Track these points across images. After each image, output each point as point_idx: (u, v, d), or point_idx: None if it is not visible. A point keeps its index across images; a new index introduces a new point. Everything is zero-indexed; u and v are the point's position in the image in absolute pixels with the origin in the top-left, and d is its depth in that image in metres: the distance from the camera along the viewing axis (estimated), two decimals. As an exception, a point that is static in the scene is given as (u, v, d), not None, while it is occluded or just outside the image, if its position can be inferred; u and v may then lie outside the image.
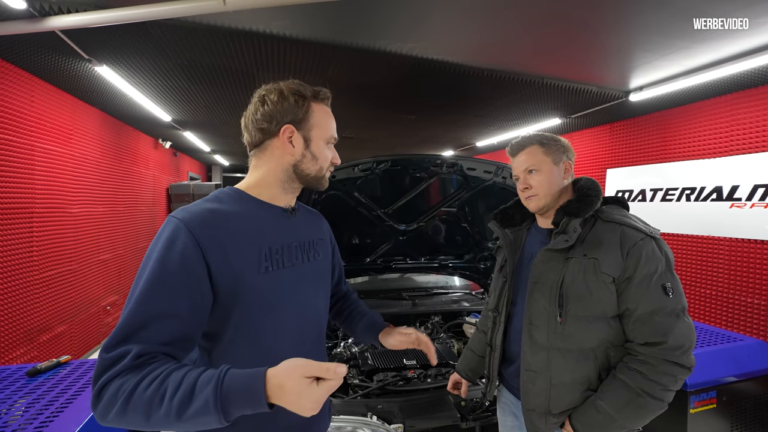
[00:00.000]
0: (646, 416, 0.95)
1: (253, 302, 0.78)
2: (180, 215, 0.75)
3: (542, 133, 1.15)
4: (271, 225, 0.85)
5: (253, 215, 0.83)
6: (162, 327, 0.68)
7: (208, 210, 0.77)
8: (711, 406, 1.80)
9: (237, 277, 0.76)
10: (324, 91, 0.89)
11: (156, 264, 0.70)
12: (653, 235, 0.99)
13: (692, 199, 3.21)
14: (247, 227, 0.80)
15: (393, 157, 1.73)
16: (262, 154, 0.87)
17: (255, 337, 0.79)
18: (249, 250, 0.79)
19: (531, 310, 1.08)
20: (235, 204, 0.82)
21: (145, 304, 0.67)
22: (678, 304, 0.95)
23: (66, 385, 1.40)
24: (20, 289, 2.64)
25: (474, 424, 1.38)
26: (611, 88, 2.92)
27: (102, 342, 0.58)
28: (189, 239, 0.72)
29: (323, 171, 0.89)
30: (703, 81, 2.59)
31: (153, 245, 0.73)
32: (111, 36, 2.13)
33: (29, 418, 1.16)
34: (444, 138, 5.20)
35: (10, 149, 2.54)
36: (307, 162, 0.86)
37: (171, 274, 0.70)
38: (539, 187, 1.10)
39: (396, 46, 2.23)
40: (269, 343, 0.81)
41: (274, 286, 0.81)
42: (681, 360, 0.92)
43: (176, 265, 0.70)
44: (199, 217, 0.75)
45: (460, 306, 2.32)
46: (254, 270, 0.79)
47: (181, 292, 0.70)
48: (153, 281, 0.69)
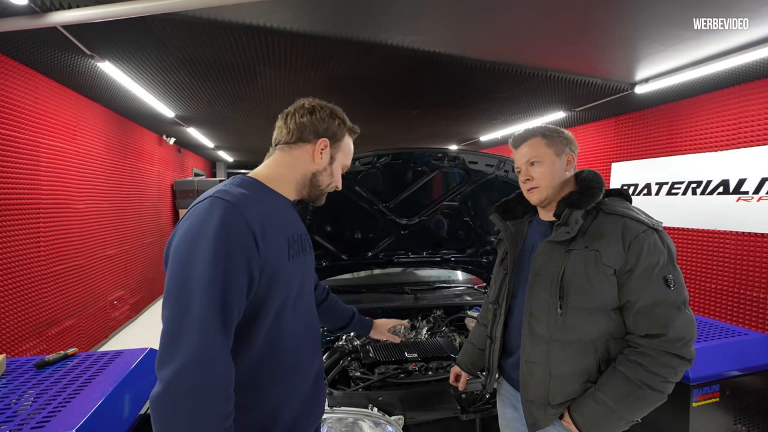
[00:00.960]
0: (645, 408, 0.95)
1: (285, 287, 0.83)
2: (227, 197, 0.75)
3: (545, 125, 1.14)
4: (288, 216, 0.90)
5: (277, 205, 0.88)
6: (232, 311, 0.70)
7: (247, 195, 0.80)
8: (714, 399, 1.80)
9: (276, 263, 0.80)
10: (357, 128, 1.01)
11: (215, 246, 0.69)
12: (655, 227, 0.98)
13: (698, 192, 3.17)
14: (277, 216, 0.85)
15: (394, 150, 1.72)
16: (290, 151, 0.92)
17: (283, 320, 0.83)
18: (281, 238, 0.83)
19: (531, 302, 1.08)
20: (262, 193, 0.86)
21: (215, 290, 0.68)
22: (679, 296, 0.94)
23: (73, 376, 1.42)
24: (28, 284, 2.68)
25: (474, 416, 1.39)
26: (616, 81, 2.89)
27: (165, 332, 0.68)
28: (242, 221, 0.74)
29: (330, 188, 0.98)
30: (710, 72, 2.55)
31: (198, 227, 0.71)
32: (112, 31, 2.14)
33: (38, 408, 1.18)
34: (447, 133, 5.18)
35: (15, 146, 2.57)
36: (325, 176, 0.95)
37: (233, 257, 0.71)
38: (541, 178, 1.09)
39: (397, 40, 2.21)
40: (292, 326, 0.86)
41: (296, 273, 0.87)
42: (681, 352, 0.92)
43: (238, 244, 0.72)
44: (244, 200, 0.77)
45: (462, 300, 2.32)
46: (285, 256, 0.83)
47: (243, 271, 0.72)
48: (218, 261, 0.69)
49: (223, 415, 0.67)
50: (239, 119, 4.51)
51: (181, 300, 0.68)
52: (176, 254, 0.71)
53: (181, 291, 0.68)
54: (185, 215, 0.77)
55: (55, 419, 1.12)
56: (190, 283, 0.68)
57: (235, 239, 0.72)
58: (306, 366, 0.92)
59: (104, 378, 1.37)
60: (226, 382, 0.69)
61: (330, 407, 1.30)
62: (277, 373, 0.84)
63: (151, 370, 1.56)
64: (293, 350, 0.87)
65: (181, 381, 0.64)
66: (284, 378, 0.85)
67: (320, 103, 0.95)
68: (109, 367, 1.45)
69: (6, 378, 1.38)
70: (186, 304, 0.67)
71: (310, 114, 0.92)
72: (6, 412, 1.14)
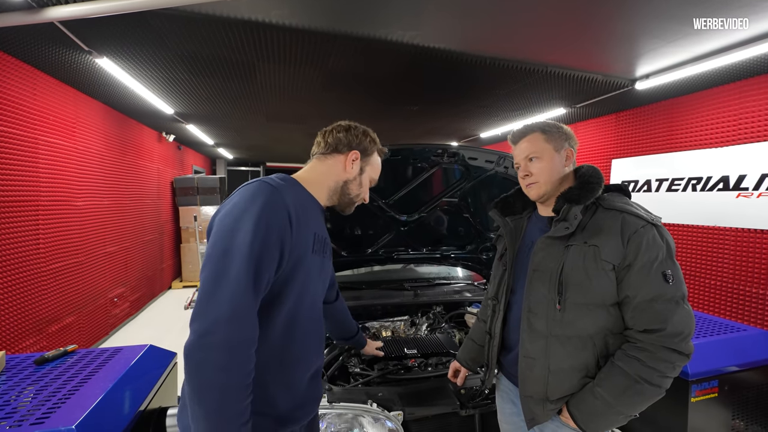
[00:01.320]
0: (643, 403, 0.95)
1: (302, 278, 0.91)
2: (272, 182, 0.87)
3: (545, 121, 1.14)
4: (317, 217, 1.00)
5: (309, 204, 0.98)
6: (262, 282, 0.79)
7: (287, 187, 0.91)
8: (712, 395, 1.80)
9: (301, 252, 0.89)
10: (386, 150, 1.14)
11: (259, 219, 0.79)
12: (654, 222, 0.98)
13: (698, 188, 3.17)
14: (308, 212, 0.94)
15: (392, 146, 1.72)
16: (326, 160, 1.04)
17: (300, 309, 0.91)
18: (308, 232, 0.93)
19: (530, 297, 1.08)
20: (299, 190, 0.97)
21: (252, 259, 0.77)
22: (678, 291, 0.94)
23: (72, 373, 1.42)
24: (28, 281, 2.68)
25: (473, 412, 1.39)
26: (617, 77, 2.88)
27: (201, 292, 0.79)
28: (284, 204, 0.84)
29: (358, 199, 1.08)
30: (711, 68, 2.54)
31: (246, 203, 0.81)
32: (110, 27, 2.13)
33: (37, 404, 1.18)
34: (447, 129, 5.16)
35: (14, 142, 2.57)
36: (354, 185, 1.05)
37: (272, 233, 0.81)
38: (540, 174, 1.09)
39: (397, 35, 2.20)
40: (305, 318, 0.94)
41: (314, 268, 0.96)
42: (679, 347, 0.92)
43: (278, 222, 0.82)
44: (285, 188, 0.89)
45: (462, 296, 2.32)
46: (309, 249, 0.93)
47: (277, 248, 0.82)
48: (259, 233, 0.78)
49: (246, 372, 0.76)
50: (239, 116, 4.50)
51: (221, 264, 0.76)
52: (222, 224, 0.81)
53: (222, 256, 0.77)
54: (234, 193, 0.87)
55: (54, 415, 1.12)
56: (231, 250, 0.77)
57: (275, 217, 0.82)
58: (311, 359, 0.99)
59: (104, 374, 1.37)
60: (251, 341, 0.77)
61: (329, 403, 1.31)
62: (284, 360, 0.91)
63: (151, 366, 1.57)
64: (303, 342, 0.95)
65: (213, 333, 0.72)
66: (289, 367, 0.92)
67: (356, 124, 1.07)
68: (108, 364, 1.45)
69: (6, 375, 1.38)
70: (225, 268, 0.76)
71: (346, 131, 1.04)
72: (5, 408, 1.14)
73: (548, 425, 1.07)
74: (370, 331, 2.05)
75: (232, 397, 0.72)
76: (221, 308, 0.73)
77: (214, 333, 0.72)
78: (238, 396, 0.74)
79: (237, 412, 0.73)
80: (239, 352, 0.74)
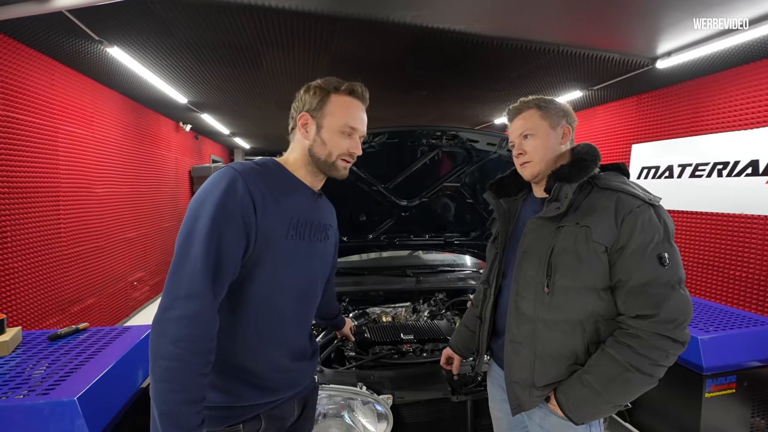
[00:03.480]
0: (633, 392, 0.90)
1: (275, 261, 0.89)
2: (238, 168, 0.87)
3: (541, 96, 1.08)
4: (301, 201, 0.97)
5: (289, 188, 0.95)
6: (226, 263, 0.80)
7: (258, 171, 0.90)
8: (729, 390, 1.72)
9: (270, 236, 0.88)
10: (348, 85, 0.97)
11: (218, 204, 0.80)
12: (652, 202, 0.92)
13: (724, 174, 2.98)
14: (284, 197, 0.92)
15: (390, 129, 1.68)
16: (293, 137, 1.01)
17: (268, 291, 0.91)
18: (282, 216, 0.91)
19: (519, 280, 1.04)
20: (278, 174, 0.95)
21: (211, 241, 0.78)
22: (674, 275, 0.88)
23: (81, 349, 1.49)
24: (50, 264, 2.83)
25: (465, 398, 1.37)
26: (636, 55, 2.71)
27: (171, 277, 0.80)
28: (245, 188, 0.84)
29: (333, 157, 0.97)
30: (739, 42, 2.34)
31: (208, 189, 0.83)
32: (115, 15, 2.16)
33: (50, 372, 1.25)
34: (459, 116, 5.05)
35: (33, 131, 2.68)
36: (318, 146, 0.96)
37: (233, 216, 0.81)
38: (534, 152, 1.04)
39: (398, 15, 2.14)
40: (276, 300, 0.93)
41: (293, 252, 0.94)
42: (673, 334, 0.86)
43: (239, 206, 0.82)
44: (253, 173, 0.88)
45: (465, 284, 2.29)
46: (282, 234, 0.90)
47: (241, 230, 0.82)
48: (218, 218, 0.79)
49: (200, 349, 0.77)
50: (251, 104, 4.54)
51: (184, 245, 0.79)
52: (189, 208, 0.83)
53: (186, 238, 0.80)
54: (206, 180, 0.88)
55: (59, 387, 1.17)
56: (193, 232, 0.79)
57: (236, 201, 0.82)
58: (293, 339, 0.99)
59: (110, 351, 1.43)
60: (207, 319, 0.78)
61: (320, 384, 1.32)
62: (262, 337, 0.92)
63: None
64: (281, 322, 0.94)
65: (171, 309, 0.76)
66: (268, 343, 0.93)
67: (306, 86, 0.99)
68: (116, 341, 1.51)
69: (21, 349, 1.46)
70: (187, 249, 0.79)
71: (295, 101, 1.00)
72: (16, 379, 1.21)
73: (535, 412, 1.04)
74: (371, 316, 2.05)
75: (181, 370, 0.75)
76: (180, 287, 0.77)
77: (173, 308, 0.76)
78: (188, 370, 0.75)
79: (186, 386, 0.75)
80: (193, 328, 0.76)
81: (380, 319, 2.04)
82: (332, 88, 0.96)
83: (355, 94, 0.98)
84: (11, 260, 2.45)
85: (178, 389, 0.74)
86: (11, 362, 1.34)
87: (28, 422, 1.06)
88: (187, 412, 0.75)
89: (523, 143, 1.06)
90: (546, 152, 1.04)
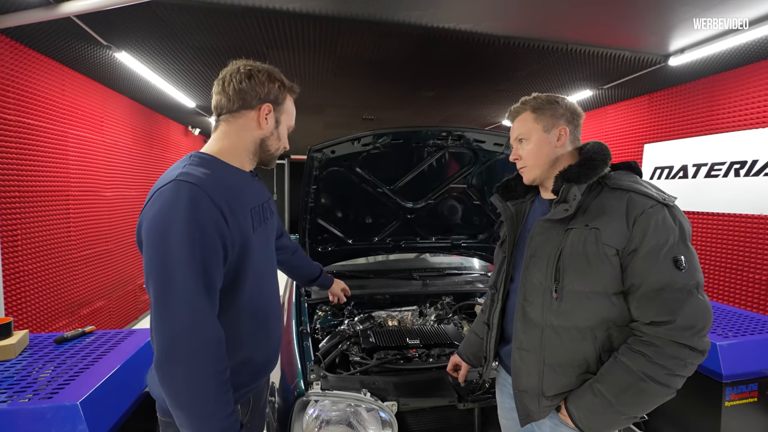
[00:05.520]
0: (648, 403, 0.86)
1: (253, 256, 0.90)
2: (191, 179, 0.78)
3: (540, 96, 1.04)
4: (247, 188, 0.94)
5: (235, 180, 0.91)
6: (214, 279, 0.79)
7: (208, 175, 0.83)
8: (751, 399, 1.65)
9: (244, 236, 0.86)
10: (295, 87, 1.00)
11: (187, 224, 0.74)
12: (666, 202, 0.87)
13: (742, 174, 2.88)
14: (237, 191, 0.89)
15: (393, 129, 1.66)
16: (234, 122, 0.92)
17: (257, 284, 0.94)
18: (244, 212, 0.89)
19: (526, 285, 1.01)
20: (224, 171, 0.89)
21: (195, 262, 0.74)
22: (691, 279, 0.84)
23: (88, 351, 1.49)
24: (60, 266, 2.86)
25: (473, 406, 1.33)
26: (647, 52, 2.64)
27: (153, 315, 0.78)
28: (209, 202, 0.78)
29: (279, 151, 1.01)
30: (756, 37, 2.26)
31: (167, 211, 0.75)
32: (122, 20, 2.18)
33: (55, 376, 1.25)
34: (467, 116, 5.00)
35: (44, 136, 2.72)
36: (273, 140, 0.97)
37: (207, 232, 0.77)
38: (528, 157, 1.02)
39: (403, 15, 2.12)
40: (264, 288, 0.98)
41: (261, 241, 0.95)
42: (691, 342, 0.81)
43: (208, 220, 0.77)
44: (207, 181, 0.81)
45: (473, 287, 2.25)
46: (251, 229, 0.90)
47: (218, 244, 0.79)
48: (193, 237, 0.74)
49: (219, 370, 0.77)
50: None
51: (163, 278, 0.74)
52: (150, 237, 0.76)
53: (161, 270, 0.74)
54: (151, 199, 0.79)
55: (63, 391, 1.17)
56: (169, 263, 0.73)
57: (206, 218, 0.77)
58: (274, 315, 1.05)
59: (114, 355, 1.42)
60: (217, 342, 0.77)
61: (322, 390, 1.29)
62: (257, 328, 0.96)
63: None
64: (267, 306, 1.00)
65: (175, 348, 0.72)
66: (258, 331, 0.97)
67: (257, 66, 0.93)
68: (120, 345, 1.51)
69: (28, 352, 1.46)
70: (168, 282, 0.73)
71: (248, 79, 0.90)
72: (21, 383, 1.21)
73: (545, 422, 1.00)
74: (376, 320, 2.02)
75: (204, 397, 0.74)
76: (176, 322, 0.73)
77: (176, 347, 0.73)
78: (214, 391, 0.75)
79: (215, 409, 0.75)
80: (206, 355, 0.74)
81: (386, 323, 2.01)
82: (288, 88, 0.97)
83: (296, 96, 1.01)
84: (22, 263, 2.48)
85: (211, 413, 0.75)
86: (18, 365, 1.34)
87: (31, 426, 1.06)
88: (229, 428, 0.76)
89: (518, 148, 1.05)
90: (539, 157, 1.01)
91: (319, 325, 1.85)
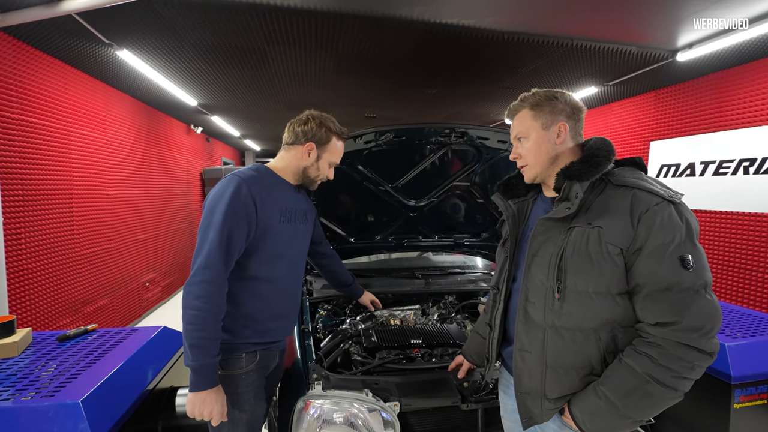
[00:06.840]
0: (654, 406, 0.83)
1: (273, 241, 1.23)
2: (241, 175, 1.18)
3: (539, 92, 1.02)
4: (287, 194, 1.30)
5: (277, 185, 1.29)
6: (234, 245, 1.12)
7: (254, 176, 1.22)
8: (761, 401, 1.61)
9: (267, 222, 1.20)
10: (345, 131, 1.35)
11: (228, 204, 1.11)
12: (672, 199, 0.85)
13: (751, 171, 2.84)
14: (274, 192, 1.25)
15: (396, 126, 1.64)
16: (290, 150, 1.31)
17: (270, 264, 1.24)
18: (275, 207, 1.23)
19: (528, 285, 0.99)
20: (268, 176, 1.28)
21: (223, 231, 1.10)
22: (699, 278, 0.81)
23: (88, 350, 1.49)
24: (64, 264, 2.87)
25: (476, 406, 1.32)
26: (654, 47, 2.60)
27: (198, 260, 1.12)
28: (248, 191, 1.15)
29: (318, 179, 1.35)
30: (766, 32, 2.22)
31: (221, 192, 1.14)
32: (123, 18, 2.17)
33: (58, 374, 1.25)
34: (470, 114, 4.97)
35: (47, 134, 2.72)
36: (312, 169, 1.31)
37: (239, 212, 1.13)
38: (527, 155, 1.00)
39: (405, 11, 2.09)
40: (277, 268, 1.27)
41: (285, 233, 1.27)
42: (698, 344, 0.79)
43: (243, 205, 1.13)
44: (251, 178, 1.20)
45: (476, 286, 2.22)
46: (276, 220, 1.24)
47: (244, 222, 1.14)
48: (229, 213, 1.11)
49: (215, 303, 1.09)
50: (259, 106, 4.56)
51: (204, 234, 1.11)
52: (206, 206, 1.15)
53: (206, 228, 1.11)
54: (216, 184, 1.19)
55: (64, 389, 1.17)
56: (210, 225, 1.10)
57: (241, 201, 1.13)
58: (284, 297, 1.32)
59: (117, 353, 1.42)
60: (218, 282, 1.10)
61: (324, 390, 1.28)
62: (264, 295, 1.25)
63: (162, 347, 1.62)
64: (278, 283, 1.27)
65: (195, 275, 1.09)
66: (268, 298, 1.26)
67: (314, 115, 1.29)
68: (123, 343, 1.50)
69: (31, 350, 1.46)
70: (205, 236, 1.10)
71: (303, 124, 1.28)
72: (23, 381, 1.21)
73: (549, 425, 0.98)
74: (378, 319, 2.01)
75: (203, 317, 1.07)
76: (200, 261, 1.09)
77: (195, 275, 1.08)
78: (208, 317, 1.07)
79: (206, 327, 1.07)
80: (209, 288, 1.08)
81: (388, 322, 2.00)
82: (335, 132, 1.30)
83: (344, 139, 1.34)
84: (25, 261, 2.49)
85: (201, 329, 1.06)
86: (20, 363, 1.34)
87: (33, 424, 1.05)
88: (208, 345, 1.07)
89: (518, 146, 1.03)
90: (539, 155, 0.99)
91: (320, 324, 1.84)
